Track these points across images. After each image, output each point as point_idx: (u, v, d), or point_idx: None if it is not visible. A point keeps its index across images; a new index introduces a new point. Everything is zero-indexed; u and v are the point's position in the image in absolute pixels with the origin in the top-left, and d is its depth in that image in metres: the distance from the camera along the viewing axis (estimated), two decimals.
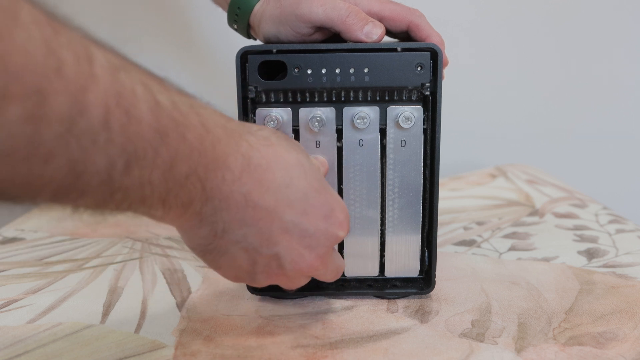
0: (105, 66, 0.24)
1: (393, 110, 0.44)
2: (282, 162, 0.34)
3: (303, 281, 0.39)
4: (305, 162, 0.36)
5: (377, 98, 0.44)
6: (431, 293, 0.49)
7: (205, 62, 1.01)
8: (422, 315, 0.45)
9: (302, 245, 0.35)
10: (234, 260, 0.35)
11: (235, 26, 0.51)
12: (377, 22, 0.44)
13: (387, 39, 0.49)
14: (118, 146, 0.24)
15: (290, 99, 0.44)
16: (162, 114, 0.27)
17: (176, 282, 0.52)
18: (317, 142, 0.44)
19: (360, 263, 0.48)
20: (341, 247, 0.47)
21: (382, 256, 0.48)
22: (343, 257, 0.47)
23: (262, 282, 0.37)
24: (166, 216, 0.31)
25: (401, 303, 0.48)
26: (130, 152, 0.25)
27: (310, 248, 0.36)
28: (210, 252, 0.35)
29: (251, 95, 0.43)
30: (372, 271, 0.48)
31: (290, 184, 0.34)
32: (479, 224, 0.67)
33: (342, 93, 0.44)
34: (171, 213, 0.31)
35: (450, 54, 0.50)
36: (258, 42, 0.51)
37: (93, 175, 0.24)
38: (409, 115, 0.43)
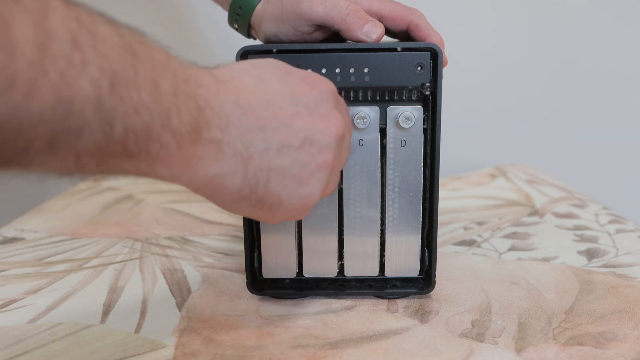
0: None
1: (393, 110, 0.44)
2: (240, 70, 0.35)
3: (347, 145, 0.39)
4: (258, 61, 0.37)
5: (377, 98, 0.44)
6: (431, 293, 0.49)
7: (205, 62, 1.01)
8: (422, 315, 0.45)
9: (317, 116, 0.35)
10: (283, 173, 0.34)
11: (236, 26, 0.51)
12: (377, 22, 0.44)
13: (387, 38, 0.49)
14: (95, 65, 0.24)
15: None
16: (124, 33, 0.27)
17: (176, 282, 0.52)
18: None
19: (360, 263, 0.48)
20: (341, 246, 0.47)
21: (382, 256, 0.48)
22: (343, 257, 0.47)
23: (322, 183, 0.36)
24: (183, 153, 0.30)
25: (401, 303, 0.47)
26: (110, 71, 0.25)
27: (325, 114, 0.36)
28: (257, 184, 0.33)
29: None
30: (372, 271, 0.48)
31: (262, 79, 0.34)
32: (479, 224, 0.67)
33: (342, 93, 0.44)
34: (185, 146, 0.29)
35: (449, 54, 0.50)
36: (258, 42, 0.52)
37: (83, 101, 0.24)
38: (409, 115, 0.43)
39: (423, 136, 0.44)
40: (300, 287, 0.48)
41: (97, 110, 0.24)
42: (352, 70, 0.43)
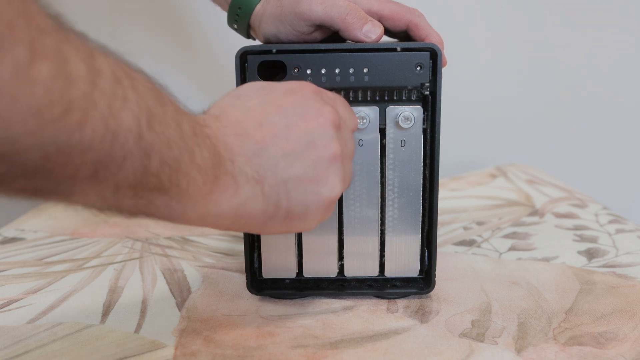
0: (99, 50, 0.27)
1: (393, 110, 0.44)
2: (226, 105, 0.37)
3: (348, 135, 0.40)
4: (237, 92, 0.38)
5: (377, 98, 0.44)
6: (431, 293, 0.49)
7: (205, 62, 1.01)
8: (422, 315, 0.45)
9: (309, 118, 0.36)
10: (299, 181, 0.35)
11: (236, 26, 0.51)
12: (377, 22, 0.44)
13: (386, 38, 0.49)
14: (134, 102, 0.27)
15: None
16: (149, 78, 0.30)
17: (176, 282, 0.52)
18: None
19: (360, 263, 0.48)
20: (341, 246, 0.47)
21: (382, 256, 0.48)
22: (343, 257, 0.48)
23: (339, 175, 0.37)
24: (207, 187, 0.32)
25: (401, 303, 0.47)
26: (146, 108, 0.27)
27: (315, 113, 0.37)
28: (278, 200, 0.35)
29: None
30: (372, 271, 0.48)
31: (247, 107, 0.36)
32: (479, 224, 0.67)
33: (342, 93, 0.44)
34: (208, 181, 0.32)
35: (449, 54, 0.50)
36: (257, 42, 0.52)
37: (126, 133, 0.26)
38: (408, 115, 0.43)
39: (423, 136, 0.44)
40: (300, 287, 0.48)
41: (138, 141, 0.27)
42: (351, 71, 0.43)
